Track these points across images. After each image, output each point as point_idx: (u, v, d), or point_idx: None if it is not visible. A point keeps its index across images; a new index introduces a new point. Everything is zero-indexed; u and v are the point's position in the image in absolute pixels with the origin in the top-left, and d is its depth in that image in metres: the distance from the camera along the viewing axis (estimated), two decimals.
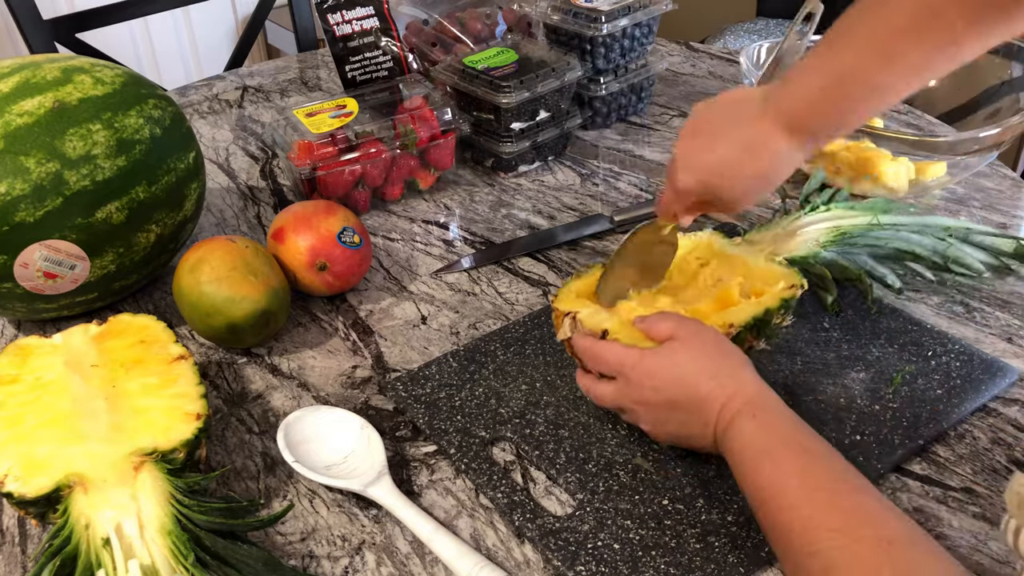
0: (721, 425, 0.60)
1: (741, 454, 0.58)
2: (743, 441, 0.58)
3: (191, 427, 0.64)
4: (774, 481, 0.55)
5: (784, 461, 0.56)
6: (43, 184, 0.75)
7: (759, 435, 0.58)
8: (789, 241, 0.79)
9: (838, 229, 0.79)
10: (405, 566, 0.62)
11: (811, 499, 0.53)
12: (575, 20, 1.11)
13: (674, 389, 0.63)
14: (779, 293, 0.70)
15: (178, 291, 0.80)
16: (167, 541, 0.57)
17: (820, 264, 0.77)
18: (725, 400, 0.61)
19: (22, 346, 0.72)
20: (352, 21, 1.11)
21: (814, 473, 0.55)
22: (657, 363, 0.63)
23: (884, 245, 0.78)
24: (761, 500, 0.56)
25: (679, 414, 0.63)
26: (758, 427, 0.59)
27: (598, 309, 0.70)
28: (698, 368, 0.62)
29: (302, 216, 0.86)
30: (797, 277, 0.72)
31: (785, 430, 0.59)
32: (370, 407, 0.76)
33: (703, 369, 0.62)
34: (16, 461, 0.61)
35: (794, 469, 0.55)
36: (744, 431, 0.59)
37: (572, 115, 1.11)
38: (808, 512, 0.52)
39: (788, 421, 0.59)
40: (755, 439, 0.58)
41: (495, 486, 0.66)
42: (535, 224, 1.01)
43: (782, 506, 0.54)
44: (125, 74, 0.85)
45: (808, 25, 0.82)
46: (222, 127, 1.26)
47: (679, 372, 0.62)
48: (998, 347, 0.79)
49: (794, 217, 0.82)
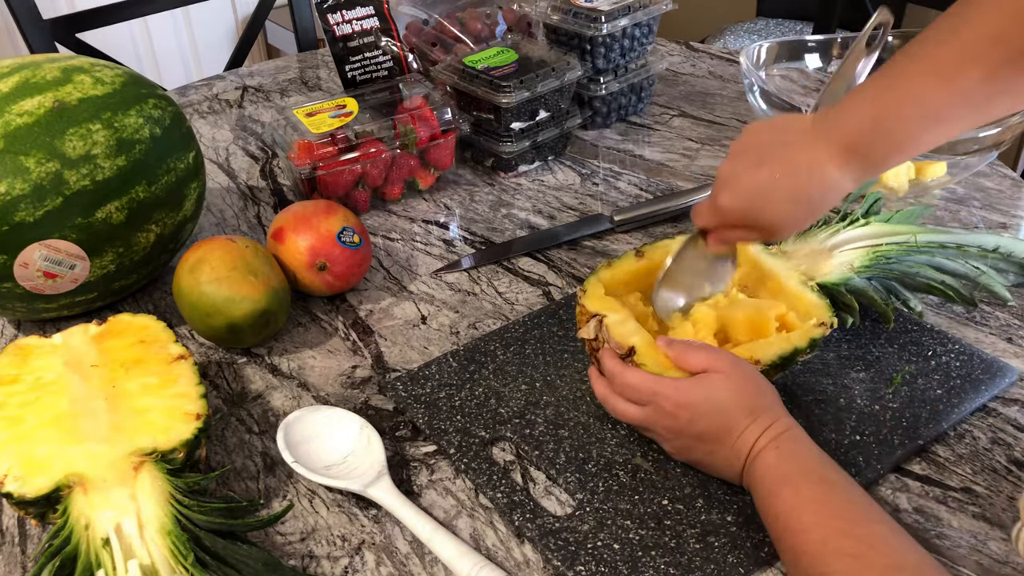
0: (750, 459, 0.61)
1: (763, 481, 0.59)
2: (765, 470, 0.59)
3: (191, 427, 0.64)
4: (792, 507, 0.56)
5: (803, 488, 0.57)
6: (43, 184, 0.75)
7: (781, 464, 0.59)
8: (824, 262, 0.77)
9: (875, 251, 0.77)
10: (405, 566, 0.62)
11: (826, 524, 0.54)
12: (575, 20, 1.11)
13: (710, 422, 0.62)
14: (809, 331, 0.69)
15: (178, 291, 0.80)
16: (167, 541, 0.57)
17: (850, 292, 0.75)
18: (759, 435, 0.61)
19: (22, 346, 0.72)
20: (352, 21, 1.11)
21: (831, 501, 0.56)
22: (696, 395, 0.62)
23: (915, 275, 0.76)
24: (779, 526, 0.56)
25: (708, 445, 0.63)
26: (780, 456, 0.59)
27: (627, 316, 0.69)
28: (737, 404, 0.62)
29: (302, 216, 0.86)
30: (828, 314, 0.70)
31: (807, 460, 0.59)
32: (370, 407, 0.76)
33: (742, 405, 0.62)
34: (16, 461, 0.61)
35: (812, 496, 0.56)
36: (767, 460, 0.59)
37: (572, 115, 1.11)
38: (822, 536, 0.53)
39: (811, 452, 0.60)
40: (777, 467, 0.59)
41: (495, 486, 0.66)
42: (535, 224, 1.01)
43: (797, 530, 0.54)
44: (125, 74, 0.85)
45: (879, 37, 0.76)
46: (222, 127, 1.26)
47: (717, 406, 0.62)
48: (998, 347, 0.79)
49: (832, 231, 0.79)
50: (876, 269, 0.76)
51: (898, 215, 0.81)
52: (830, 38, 1.23)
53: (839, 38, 1.23)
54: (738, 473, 0.62)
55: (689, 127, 1.21)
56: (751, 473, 0.60)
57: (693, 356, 0.64)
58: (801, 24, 2.28)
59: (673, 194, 1.01)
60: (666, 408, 0.63)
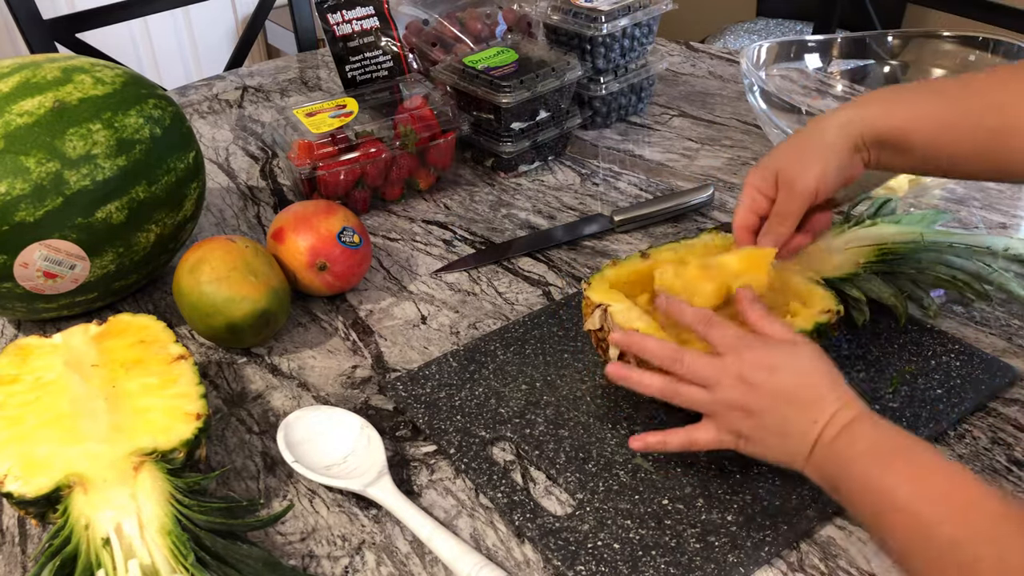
0: (829, 431, 0.58)
1: (861, 454, 0.56)
2: (863, 442, 0.56)
3: (191, 427, 0.64)
4: (914, 476, 0.53)
5: (917, 457, 0.54)
6: (43, 184, 0.75)
7: (883, 435, 0.57)
8: (830, 259, 0.77)
9: (880, 248, 0.77)
10: (405, 566, 0.62)
11: (961, 492, 0.52)
12: (575, 20, 1.11)
13: (793, 379, 0.60)
14: (814, 316, 0.69)
15: (178, 291, 0.80)
16: (167, 541, 0.57)
17: (858, 287, 0.75)
18: (839, 407, 0.58)
19: (22, 346, 0.72)
20: (352, 21, 1.11)
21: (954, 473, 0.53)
22: (780, 350, 0.61)
23: (925, 270, 0.76)
24: (882, 504, 0.54)
25: (787, 409, 0.59)
26: (879, 429, 0.57)
27: (631, 305, 0.69)
28: (823, 373, 0.60)
29: (302, 216, 0.86)
30: (834, 302, 0.70)
31: (907, 434, 0.57)
32: (370, 407, 0.76)
33: (826, 372, 0.60)
34: (16, 461, 0.61)
35: (934, 465, 0.54)
36: (865, 435, 0.57)
37: (572, 115, 1.11)
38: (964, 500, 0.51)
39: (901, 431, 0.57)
40: (881, 439, 0.56)
41: (495, 486, 0.66)
42: (535, 224, 1.01)
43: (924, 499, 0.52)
44: (125, 74, 0.85)
45: None
46: (222, 127, 1.26)
47: (804, 366, 0.60)
48: (998, 347, 0.79)
49: (837, 231, 0.79)
50: (883, 265, 0.76)
51: (908, 217, 0.80)
52: (830, 38, 1.23)
53: (839, 38, 1.23)
54: (807, 447, 0.58)
55: (689, 127, 1.21)
56: (836, 449, 0.57)
57: (778, 326, 0.63)
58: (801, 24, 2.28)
59: (673, 194, 1.01)
60: (747, 357, 0.60)
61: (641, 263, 0.75)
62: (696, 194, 1.00)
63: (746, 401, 0.60)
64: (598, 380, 0.76)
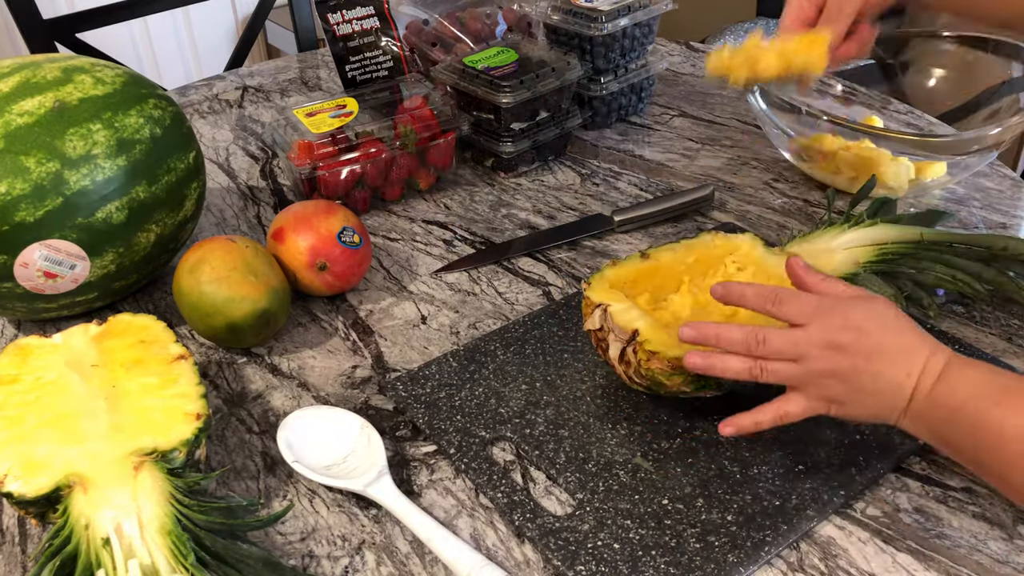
0: (926, 381, 0.57)
1: (968, 400, 0.56)
2: (970, 384, 0.56)
3: (191, 427, 0.64)
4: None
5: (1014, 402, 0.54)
6: (43, 184, 0.75)
7: (989, 375, 0.56)
8: (829, 258, 0.77)
9: (880, 249, 0.77)
10: (405, 566, 0.62)
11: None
12: (575, 20, 1.11)
13: (880, 335, 0.59)
14: None
15: (178, 291, 0.80)
16: (167, 541, 0.57)
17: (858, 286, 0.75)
18: (929, 354, 0.58)
19: (22, 346, 0.72)
20: (352, 21, 1.11)
21: None
22: (859, 309, 0.60)
23: (925, 271, 0.76)
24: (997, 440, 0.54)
25: (880, 365, 0.59)
26: (981, 369, 0.57)
27: (631, 305, 0.69)
28: (902, 319, 0.60)
29: (302, 216, 0.86)
30: None
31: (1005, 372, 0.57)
32: (370, 407, 0.76)
33: (907, 322, 0.60)
34: (16, 461, 0.61)
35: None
36: (966, 377, 0.57)
37: (572, 115, 1.11)
38: None
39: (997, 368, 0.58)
40: (983, 380, 0.56)
41: (495, 486, 0.66)
42: (535, 224, 1.01)
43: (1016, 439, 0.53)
44: (125, 74, 0.85)
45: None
46: (222, 127, 1.26)
47: (886, 320, 0.60)
48: (998, 347, 0.79)
49: (837, 231, 0.79)
50: (883, 265, 0.76)
51: (909, 216, 0.80)
52: None
53: None
54: (907, 398, 0.58)
55: (689, 127, 1.21)
56: (936, 396, 0.57)
57: (842, 285, 0.62)
58: None
59: (673, 194, 1.01)
60: (834, 319, 0.60)
61: (641, 263, 0.75)
62: (696, 194, 1.00)
63: (838, 367, 0.59)
64: (598, 380, 0.76)
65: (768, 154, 1.12)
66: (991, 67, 1.12)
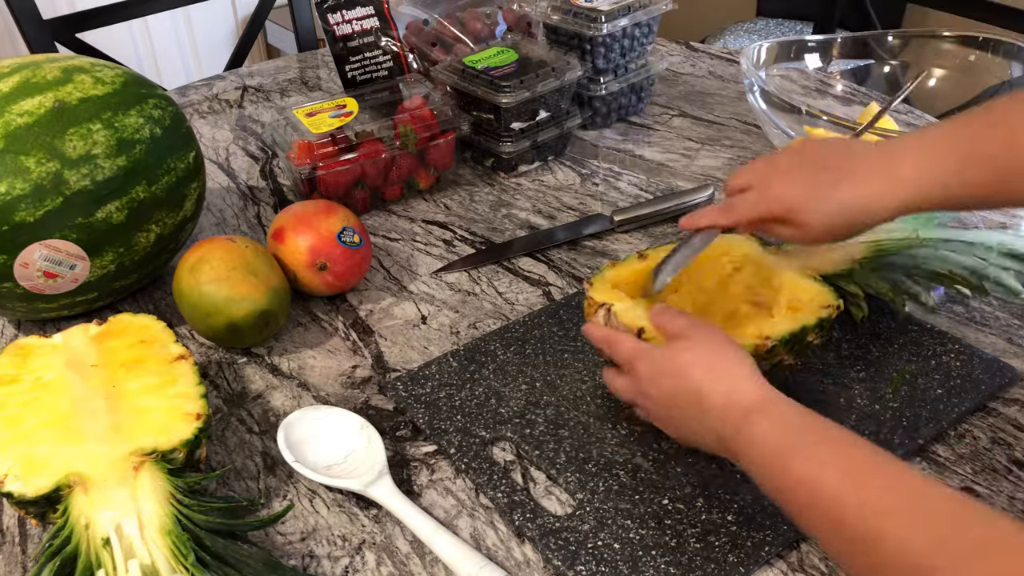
0: (728, 429, 0.58)
1: (760, 455, 0.55)
2: (759, 441, 0.56)
3: (191, 427, 0.64)
4: (808, 475, 0.52)
5: (812, 452, 0.53)
6: (43, 184, 0.75)
7: (775, 432, 0.55)
8: (825, 256, 0.77)
9: (876, 245, 0.76)
10: (405, 566, 0.62)
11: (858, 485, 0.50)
12: (575, 20, 1.11)
13: (674, 384, 0.62)
14: (816, 311, 0.69)
15: (178, 291, 0.80)
16: (167, 541, 0.57)
17: (855, 282, 0.76)
18: (725, 401, 0.58)
19: (22, 346, 0.72)
20: (352, 21, 1.11)
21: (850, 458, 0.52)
22: (662, 358, 0.63)
23: (921, 265, 0.76)
24: (798, 499, 0.52)
25: (681, 411, 0.62)
26: (772, 424, 0.56)
27: (634, 304, 0.69)
28: (701, 367, 0.61)
29: (302, 216, 0.86)
30: (833, 297, 0.70)
31: (803, 423, 0.56)
32: (370, 407, 0.76)
33: (705, 369, 0.61)
34: (16, 461, 0.61)
35: (826, 458, 0.52)
36: (757, 430, 0.56)
37: (572, 115, 1.11)
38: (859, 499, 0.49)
39: (803, 415, 0.56)
40: (773, 436, 0.55)
41: (495, 486, 0.66)
42: (535, 224, 1.01)
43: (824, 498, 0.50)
44: (125, 74, 0.85)
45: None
46: (222, 127, 1.26)
47: (679, 369, 0.61)
48: (998, 347, 0.79)
49: None
50: (879, 261, 0.76)
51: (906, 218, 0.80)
52: (830, 38, 1.23)
53: (839, 38, 1.23)
54: (719, 445, 0.59)
55: (689, 127, 1.21)
56: (740, 447, 0.57)
57: (672, 321, 0.64)
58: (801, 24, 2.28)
59: (673, 194, 1.01)
60: (639, 371, 0.64)
61: (639, 263, 0.75)
62: (696, 194, 1.00)
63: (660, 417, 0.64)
64: (598, 380, 0.76)
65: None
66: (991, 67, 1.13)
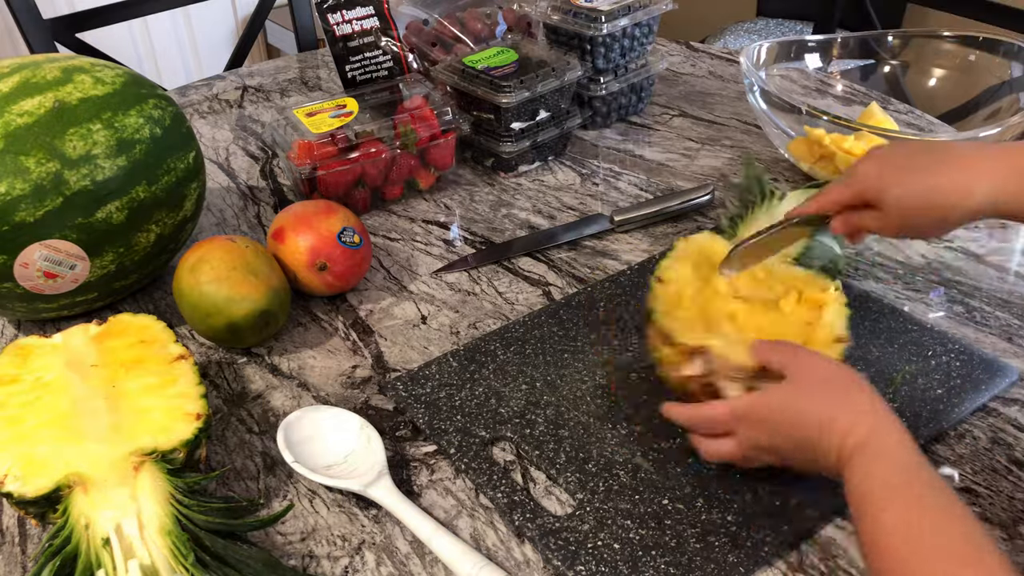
0: (842, 462, 0.57)
1: (849, 498, 0.55)
2: (849, 488, 0.55)
3: (191, 427, 0.64)
4: (882, 531, 0.51)
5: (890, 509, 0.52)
6: (43, 184, 0.75)
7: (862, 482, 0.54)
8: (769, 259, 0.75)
9: None
10: (405, 566, 0.62)
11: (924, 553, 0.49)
12: (575, 20, 1.11)
13: (788, 432, 0.60)
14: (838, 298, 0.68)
15: (178, 291, 0.80)
16: (167, 541, 0.57)
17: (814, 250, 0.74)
18: (840, 440, 0.57)
19: (22, 346, 0.72)
20: (352, 21, 1.11)
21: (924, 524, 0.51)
22: (768, 407, 0.61)
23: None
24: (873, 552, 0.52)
25: (801, 454, 0.60)
26: (860, 473, 0.55)
27: (733, 338, 0.66)
28: (811, 409, 0.59)
29: (302, 216, 0.86)
30: (831, 281, 0.70)
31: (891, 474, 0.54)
32: (370, 407, 0.76)
33: (815, 410, 0.59)
34: (16, 461, 0.61)
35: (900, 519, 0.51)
36: (850, 477, 0.55)
37: (572, 115, 1.11)
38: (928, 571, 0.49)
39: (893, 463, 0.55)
40: (858, 486, 0.54)
41: (495, 486, 0.66)
42: (535, 224, 1.01)
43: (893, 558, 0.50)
44: (125, 74, 0.85)
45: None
46: (222, 127, 1.26)
47: (789, 416, 0.60)
48: (998, 347, 0.79)
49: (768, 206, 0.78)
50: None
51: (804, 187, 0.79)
52: (830, 38, 1.23)
53: (839, 38, 1.23)
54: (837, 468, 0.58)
55: (689, 127, 1.21)
56: (847, 479, 0.56)
57: (772, 356, 0.63)
58: (801, 24, 2.28)
59: (673, 194, 1.01)
60: (752, 434, 0.61)
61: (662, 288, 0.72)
62: (696, 194, 1.00)
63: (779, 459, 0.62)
64: (598, 380, 0.76)
65: (768, 154, 1.12)
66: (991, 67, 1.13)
